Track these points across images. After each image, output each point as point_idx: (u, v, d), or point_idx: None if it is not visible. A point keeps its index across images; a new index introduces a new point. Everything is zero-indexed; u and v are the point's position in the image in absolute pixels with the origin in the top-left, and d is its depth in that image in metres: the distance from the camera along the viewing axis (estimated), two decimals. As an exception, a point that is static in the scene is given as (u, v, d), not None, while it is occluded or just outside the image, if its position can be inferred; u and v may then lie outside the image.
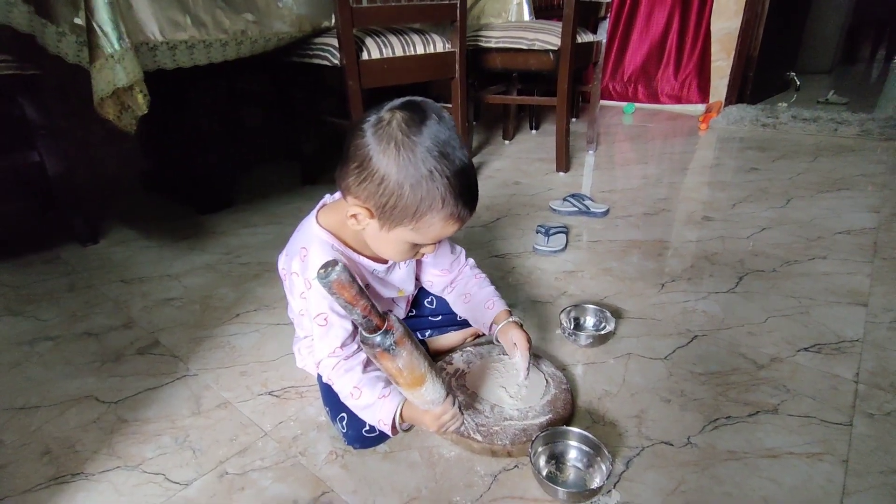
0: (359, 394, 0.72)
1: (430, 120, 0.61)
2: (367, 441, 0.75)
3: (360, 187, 0.64)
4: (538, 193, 1.81)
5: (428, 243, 0.70)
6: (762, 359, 0.93)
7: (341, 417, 0.76)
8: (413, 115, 0.61)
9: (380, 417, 0.71)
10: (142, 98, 1.12)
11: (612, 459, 0.68)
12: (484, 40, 1.93)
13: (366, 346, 0.61)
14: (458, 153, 0.63)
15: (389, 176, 0.61)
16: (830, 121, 2.55)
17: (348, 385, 0.72)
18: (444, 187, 0.62)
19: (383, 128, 0.61)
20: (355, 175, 0.64)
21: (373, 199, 0.64)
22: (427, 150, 0.60)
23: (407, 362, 0.62)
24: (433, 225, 0.65)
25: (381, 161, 0.61)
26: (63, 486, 0.72)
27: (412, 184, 0.61)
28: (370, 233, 0.69)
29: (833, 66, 4.33)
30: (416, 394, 0.66)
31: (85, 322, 1.11)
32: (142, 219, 1.70)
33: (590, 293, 1.17)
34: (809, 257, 1.29)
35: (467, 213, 0.66)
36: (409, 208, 0.63)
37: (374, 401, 0.71)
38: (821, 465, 0.71)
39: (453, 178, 0.62)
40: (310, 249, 0.72)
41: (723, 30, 2.84)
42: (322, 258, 0.71)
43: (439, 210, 0.63)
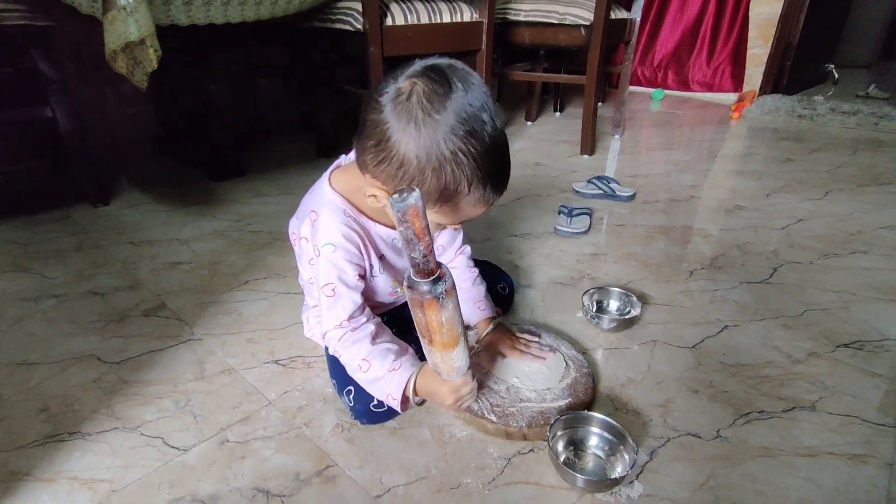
0: (367, 366, 0.68)
1: (455, 91, 0.54)
2: (374, 416, 0.71)
3: (379, 168, 0.58)
4: (560, 175, 1.75)
5: (452, 224, 0.65)
6: (798, 353, 0.87)
7: (348, 391, 0.72)
8: (436, 85, 0.54)
9: (389, 392, 0.67)
10: (153, 53, 1.07)
11: (636, 449, 0.63)
12: (513, 13, 1.85)
13: (413, 292, 0.55)
14: (487, 128, 0.55)
15: (410, 159, 0.55)
16: (871, 115, 2.43)
17: (356, 357, 0.68)
18: (472, 170, 0.55)
19: (402, 102, 0.54)
20: (373, 154, 0.58)
21: (392, 182, 0.58)
22: (451, 130, 0.53)
23: (450, 317, 0.57)
24: (458, 209, 0.60)
25: (401, 141, 0.55)
26: (59, 444, 0.69)
27: (435, 168, 0.55)
28: (390, 211, 0.64)
29: (873, 61, 4.15)
30: (446, 356, 0.60)
31: (91, 281, 1.08)
32: (153, 183, 1.67)
33: (613, 277, 1.11)
34: (849, 251, 1.21)
35: (496, 196, 0.60)
36: (432, 194, 0.57)
37: (384, 374, 0.67)
38: (864, 468, 0.66)
39: (481, 160, 0.55)
40: (321, 213, 0.67)
41: (761, 15, 2.71)
42: (334, 224, 0.66)
43: (465, 195, 0.57)
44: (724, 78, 2.88)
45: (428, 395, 0.68)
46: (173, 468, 0.65)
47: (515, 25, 1.88)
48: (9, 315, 0.97)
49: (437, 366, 0.63)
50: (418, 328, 0.59)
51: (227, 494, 0.62)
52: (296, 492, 0.62)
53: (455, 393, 0.65)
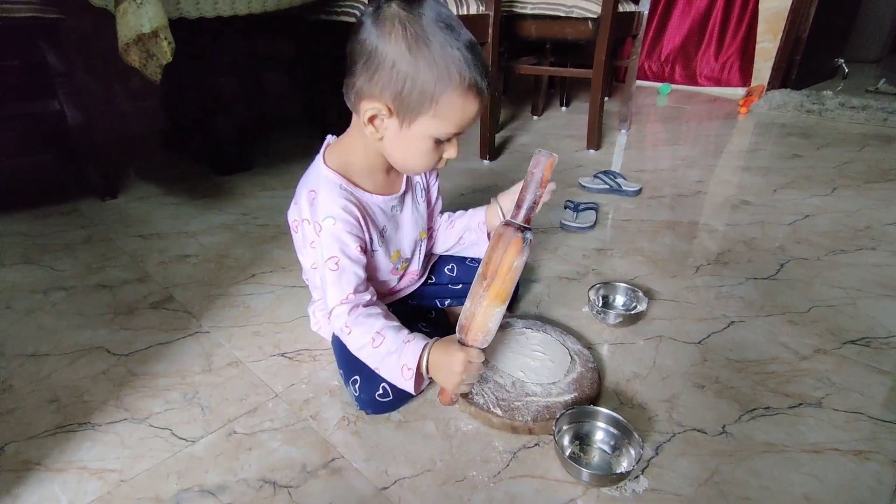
0: (381, 340, 0.67)
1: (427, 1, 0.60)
2: (379, 406, 0.71)
3: (373, 82, 0.61)
4: (567, 170, 1.74)
5: (451, 132, 0.65)
6: (805, 349, 0.87)
7: (354, 380, 0.72)
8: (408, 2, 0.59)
9: (404, 362, 0.66)
10: (167, 45, 1.07)
11: (642, 444, 0.64)
12: (519, 5, 1.84)
13: (507, 229, 0.61)
14: (462, 28, 0.61)
15: (401, 56, 0.58)
16: (880, 110, 2.40)
17: (370, 331, 0.67)
18: (459, 57, 0.59)
19: (381, 18, 0.59)
20: (364, 72, 0.61)
21: (388, 90, 0.60)
22: (433, 22, 0.58)
23: (518, 267, 0.62)
24: (453, 103, 0.61)
25: (389, 45, 0.58)
26: (69, 434, 0.70)
27: (426, 57, 0.58)
28: (390, 139, 0.66)
29: (883, 56, 4.10)
30: (489, 309, 0.63)
31: (100, 274, 1.09)
32: (160, 176, 1.68)
33: (619, 272, 1.11)
34: (857, 247, 1.20)
35: (485, 85, 0.62)
36: (428, 87, 0.59)
37: (399, 345, 0.67)
38: (868, 465, 0.66)
39: (464, 49, 0.60)
40: (319, 191, 0.69)
41: (771, 9, 2.69)
42: (332, 199, 0.68)
43: (458, 83, 0.60)
44: (732, 72, 2.86)
45: (438, 368, 0.67)
46: (181, 459, 0.66)
47: (522, 18, 1.87)
48: (19, 307, 0.98)
49: (472, 318, 0.64)
50: (483, 270, 0.63)
51: (234, 485, 0.62)
52: (302, 483, 0.63)
53: (467, 364, 0.64)
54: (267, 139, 2.10)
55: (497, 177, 1.69)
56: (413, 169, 0.71)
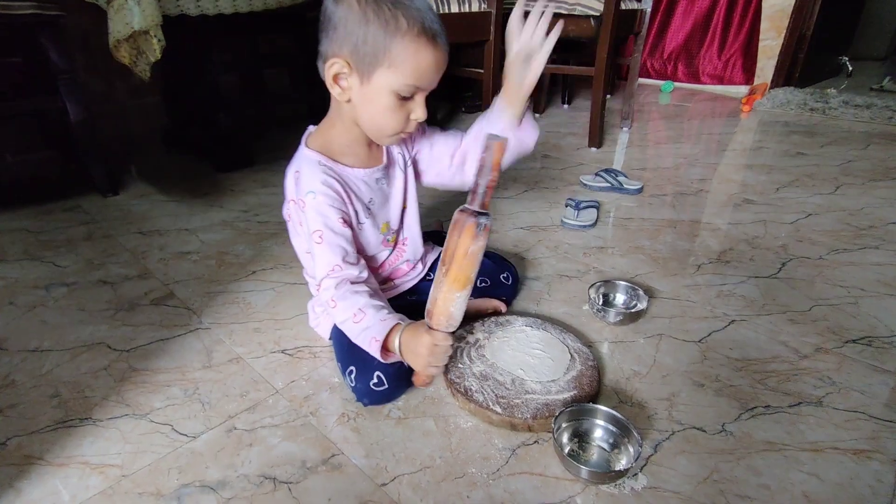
0: (362, 316, 0.70)
1: None
2: (374, 395, 0.72)
3: (331, 41, 0.65)
4: (568, 168, 1.74)
5: (410, 83, 0.65)
6: (805, 348, 0.87)
7: (350, 371, 0.73)
8: None
9: (373, 335, 0.69)
10: (156, 43, 1.08)
11: (641, 441, 0.63)
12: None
13: (461, 214, 0.62)
14: None
15: (352, 12, 0.62)
16: (885, 108, 2.39)
17: (353, 306, 0.70)
18: (408, 7, 0.62)
19: None
20: (325, 38, 0.65)
21: (345, 45, 0.64)
22: None
23: (474, 253, 0.62)
24: (406, 50, 0.63)
25: (343, 4, 0.63)
26: (70, 429, 0.70)
27: (374, 10, 0.62)
28: (356, 99, 0.68)
29: (888, 54, 4.07)
30: (449, 295, 0.64)
31: (101, 270, 1.10)
32: (162, 174, 1.68)
33: (620, 270, 1.11)
34: (860, 246, 1.20)
35: (437, 29, 0.64)
36: (378, 37, 0.62)
37: (375, 322, 0.70)
38: (869, 464, 0.66)
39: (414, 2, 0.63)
40: (302, 170, 0.73)
41: (775, 6, 2.67)
42: (312, 175, 0.71)
43: (406, 29, 0.62)
44: (735, 70, 2.85)
45: (407, 350, 0.69)
46: (182, 454, 0.66)
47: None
48: (21, 303, 0.98)
49: (434, 303, 0.66)
50: (443, 256, 0.64)
51: (234, 481, 0.63)
52: (302, 479, 0.63)
53: (432, 347, 0.66)
54: (268, 136, 2.10)
55: (498, 174, 1.68)
56: (384, 131, 0.71)
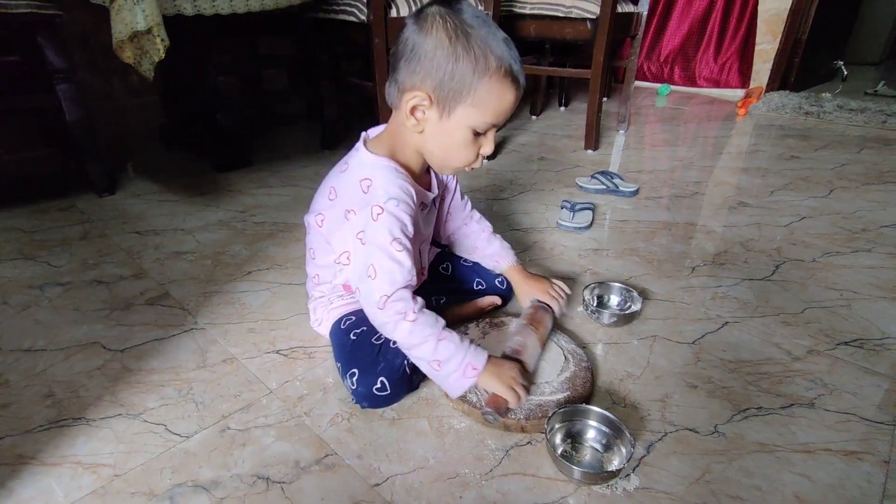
0: (448, 334, 0.69)
1: (465, 2, 0.64)
2: (376, 400, 0.72)
3: (415, 74, 0.64)
4: (564, 170, 1.75)
5: (489, 122, 0.67)
6: (798, 350, 0.87)
7: (352, 373, 0.72)
8: (444, 2, 0.64)
9: (470, 361, 0.68)
10: (160, 43, 1.08)
11: (633, 442, 0.64)
12: (518, 6, 1.84)
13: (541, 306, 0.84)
14: (497, 27, 0.64)
15: (441, 46, 0.62)
16: (879, 112, 2.41)
17: (437, 325, 0.68)
18: (496, 47, 0.62)
19: (423, 14, 0.63)
20: (406, 67, 0.64)
21: (429, 79, 0.63)
22: (471, 17, 0.62)
23: None
24: (491, 90, 0.64)
25: (430, 37, 0.62)
26: (63, 429, 0.70)
27: (464, 46, 0.62)
28: (430, 130, 0.68)
29: (882, 58, 4.11)
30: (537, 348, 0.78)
31: (96, 270, 1.09)
32: (159, 173, 1.68)
33: (615, 272, 1.11)
34: (853, 249, 1.21)
35: (520, 72, 0.65)
36: (466, 74, 0.62)
37: (466, 347, 0.69)
38: (860, 465, 0.66)
39: (501, 40, 0.63)
40: (374, 178, 0.69)
41: (771, 10, 2.69)
42: (392, 182, 0.68)
43: (495, 70, 0.63)
44: (731, 74, 2.87)
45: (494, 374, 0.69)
46: (175, 454, 0.66)
47: (521, 18, 1.87)
48: (15, 302, 0.98)
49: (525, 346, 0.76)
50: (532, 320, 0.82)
51: (227, 480, 0.63)
52: (295, 479, 0.63)
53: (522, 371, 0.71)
54: (266, 136, 2.10)
55: (495, 177, 1.69)
56: (452, 164, 0.71)
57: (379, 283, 0.67)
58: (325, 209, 0.76)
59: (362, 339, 0.77)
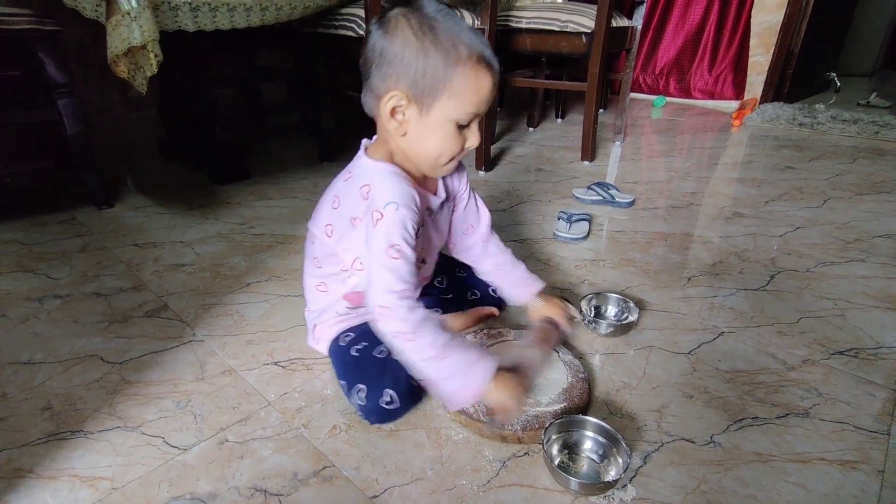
0: (449, 352, 0.66)
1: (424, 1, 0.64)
2: (384, 415, 0.72)
3: (388, 76, 0.64)
4: (561, 181, 1.76)
5: (470, 111, 0.66)
6: (793, 360, 0.88)
7: (359, 389, 0.72)
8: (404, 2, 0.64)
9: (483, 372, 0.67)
10: (154, 58, 1.09)
11: (630, 453, 0.64)
12: (515, 20, 1.87)
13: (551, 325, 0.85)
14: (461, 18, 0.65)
15: (409, 45, 0.62)
16: (872, 123, 2.44)
17: (438, 339, 0.66)
18: (463, 35, 0.63)
19: (386, 20, 0.63)
20: (378, 73, 0.64)
21: (403, 78, 0.63)
22: (434, 11, 0.63)
23: None
24: (467, 79, 0.63)
25: (397, 39, 0.62)
26: (61, 442, 0.70)
27: (432, 40, 0.62)
28: (413, 131, 0.67)
29: (875, 70, 4.16)
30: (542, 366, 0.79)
31: (95, 282, 1.10)
32: (158, 185, 1.69)
33: (611, 283, 1.12)
34: (846, 259, 1.22)
35: (492, 56, 0.65)
36: (439, 67, 0.62)
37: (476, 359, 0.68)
38: (854, 474, 0.66)
39: (467, 28, 0.64)
40: (374, 183, 0.68)
41: (763, 24, 2.73)
42: (392, 185, 0.67)
43: (466, 57, 0.63)
44: (726, 86, 2.90)
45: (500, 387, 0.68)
46: (173, 467, 0.66)
47: (517, 33, 1.90)
48: (14, 315, 0.98)
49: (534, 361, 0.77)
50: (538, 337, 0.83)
51: (225, 493, 0.63)
52: (293, 491, 0.63)
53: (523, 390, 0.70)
54: (265, 149, 2.11)
55: (492, 188, 1.70)
56: (440, 160, 0.70)
57: (374, 291, 0.66)
58: (333, 219, 0.75)
59: (365, 354, 0.77)
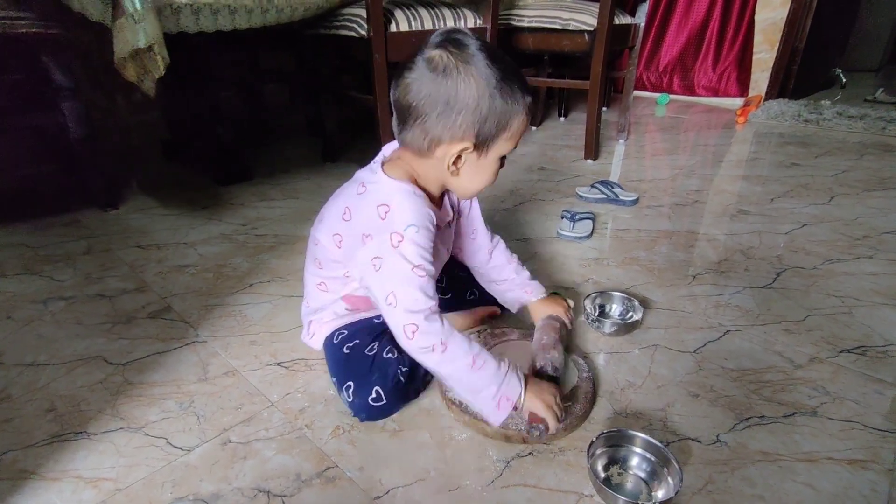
0: (482, 363, 0.67)
1: (468, 41, 0.63)
2: (373, 411, 0.72)
3: (455, 126, 0.64)
4: (564, 180, 1.75)
5: (513, 149, 0.70)
6: (800, 358, 0.87)
7: (348, 386, 0.73)
8: (453, 44, 0.63)
9: (504, 394, 0.67)
10: (161, 61, 1.09)
11: (682, 474, 0.61)
12: (517, 19, 1.87)
13: None
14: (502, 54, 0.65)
15: (481, 93, 0.62)
16: (879, 119, 2.41)
17: (469, 352, 0.66)
18: (516, 82, 0.64)
19: (443, 69, 0.62)
20: (444, 120, 0.63)
21: (472, 127, 0.64)
22: (486, 57, 0.62)
23: None
24: (521, 123, 0.67)
25: (468, 90, 0.62)
26: (65, 443, 0.70)
27: (498, 89, 0.63)
28: (467, 172, 0.69)
29: (881, 65, 4.12)
30: None
31: (99, 284, 1.10)
32: (162, 187, 1.69)
33: (616, 281, 1.11)
34: (854, 256, 1.20)
35: (532, 102, 0.68)
36: (503, 115, 0.64)
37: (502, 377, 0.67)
38: (864, 474, 0.66)
39: (516, 74, 0.65)
40: (393, 203, 0.67)
41: (767, 20, 2.71)
42: (412, 207, 0.67)
43: (522, 104, 0.65)
44: (730, 83, 2.88)
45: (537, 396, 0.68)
46: (176, 468, 0.66)
47: (519, 31, 1.89)
48: (18, 317, 0.99)
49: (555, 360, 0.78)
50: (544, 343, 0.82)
51: (228, 494, 0.63)
52: (296, 492, 0.63)
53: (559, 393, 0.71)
54: (268, 150, 2.12)
55: (495, 187, 1.69)
56: (477, 190, 0.73)
57: (400, 311, 0.65)
58: (343, 230, 0.74)
59: (355, 352, 0.77)
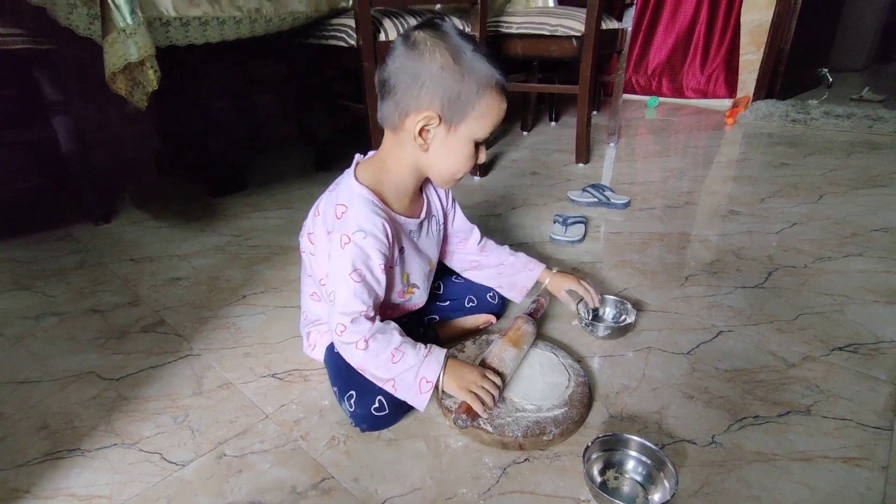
0: (401, 355, 0.70)
1: (444, 23, 0.67)
2: (375, 421, 0.72)
3: (422, 96, 0.66)
4: (556, 184, 1.76)
5: (488, 131, 0.71)
6: (793, 357, 0.87)
7: (350, 395, 0.72)
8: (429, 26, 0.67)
9: (423, 375, 0.70)
10: (153, 74, 1.09)
11: (677, 477, 0.61)
12: (505, 26, 1.88)
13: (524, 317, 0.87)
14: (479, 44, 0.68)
15: (446, 68, 0.65)
16: (865, 117, 2.44)
17: (388, 347, 0.70)
18: (489, 62, 0.66)
19: (414, 43, 0.65)
20: (411, 91, 0.66)
21: (438, 98, 0.66)
22: (461, 39, 0.66)
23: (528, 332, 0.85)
24: (492, 101, 0.68)
25: (434, 62, 0.65)
26: (58, 461, 0.70)
27: (465, 65, 0.65)
28: (436, 147, 0.70)
29: (867, 64, 4.17)
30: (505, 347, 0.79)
31: (92, 299, 1.10)
32: (154, 199, 1.69)
33: (608, 284, 1.12)
34: (844, 254, 1.21)
35: (506, 81, 0.70)
36: (472, 90, 0.66)
37: (420, 360, 0.70)
38: (859, 472, 0.66)
39: (489, 56, 0.67)
40: (350, 206, 0.71)
41: (753, 22, 2.74)
42: (364, 214, 0.70)
43: (494, 83, 0.67)
44: (718, 84, 2.91)
45: (454, 381, 0.71)
46: (171, 483, 0.66)
47: (508, 38, 1.90)
48: (10, 333, 0.98)
49: (491, 352, 0.79)
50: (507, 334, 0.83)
51: (224, 508, 0.62)
52: (292, 505, 0.62)
53: (483, 375, 0.72)
54: (260, 160, 2.11)
55: (488, 193, 1.70)
56: (453, 175, 0.74)
57: (336, 309, 0.70)
58: (315, 227, 0.79)
59: None
